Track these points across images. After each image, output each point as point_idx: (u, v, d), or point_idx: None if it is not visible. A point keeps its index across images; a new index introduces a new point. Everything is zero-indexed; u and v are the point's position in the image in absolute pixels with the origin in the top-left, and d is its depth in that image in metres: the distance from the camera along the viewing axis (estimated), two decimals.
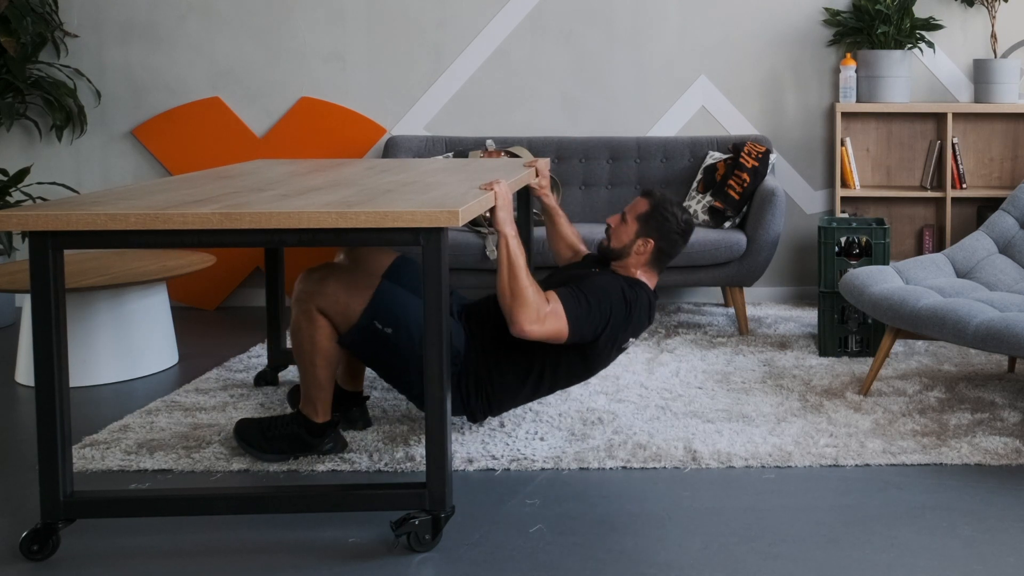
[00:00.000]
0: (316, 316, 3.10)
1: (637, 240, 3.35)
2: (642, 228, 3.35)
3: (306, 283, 3.13)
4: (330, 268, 3.18)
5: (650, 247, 3.35)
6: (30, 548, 2.64)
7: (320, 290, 3.10)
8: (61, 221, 2.56)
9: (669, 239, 3.38)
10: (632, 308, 3.27)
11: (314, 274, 3.14)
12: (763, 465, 3.25)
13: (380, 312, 3.10)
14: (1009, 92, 5.31)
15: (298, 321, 3.12)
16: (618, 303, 3.24)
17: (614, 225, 3.40)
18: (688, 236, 3.44)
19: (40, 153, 5.51)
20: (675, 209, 3.39)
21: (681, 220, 3.39)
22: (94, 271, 4.19)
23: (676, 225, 3.37)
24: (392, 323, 3.11)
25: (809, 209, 5.58)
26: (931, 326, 3.60)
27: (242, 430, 3.29)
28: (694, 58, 5.52)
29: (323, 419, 3.24)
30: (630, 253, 3.36)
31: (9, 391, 4.10)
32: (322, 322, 3.10)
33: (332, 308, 3.10)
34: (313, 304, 3.09)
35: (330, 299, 3.09)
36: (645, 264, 3.38)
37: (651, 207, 3.37)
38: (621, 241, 3.37)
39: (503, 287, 3.05)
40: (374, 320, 3.10)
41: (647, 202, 3.39)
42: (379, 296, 3.12)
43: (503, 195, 3.08)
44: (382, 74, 5.52)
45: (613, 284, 3.27)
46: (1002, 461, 3.27)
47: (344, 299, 3.10)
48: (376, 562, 2.63)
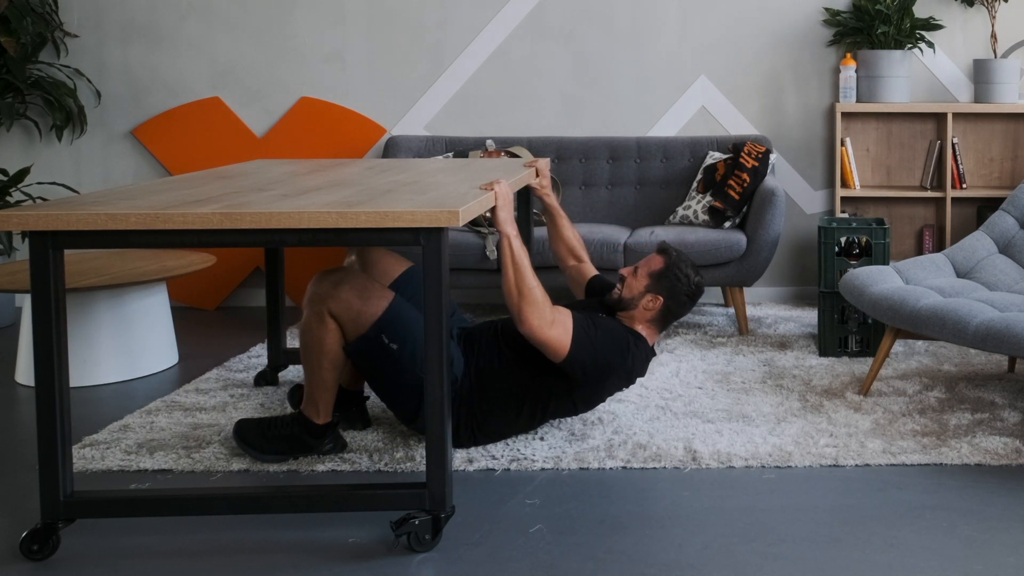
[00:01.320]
0: (328, 319, 3.11)
1: (647, 295, 3.38)
2: (653, 284, 3.38)
3: (320, 285, 3.13)
4: (345, 273, 3.18)
5: (658, 304, 3.38)
6: (30, 548, 2.64)
7: (334, 294, 3.10)
8: (61, 221, 2.55)
9: (678, 300, 3.41)
10: (632, 360, 3.32)
11: (329, 277, 3.14)
12: (763, 465, 3.25)
13: (390, 327, 3.12)
14: (1009, 92, 5.31)
15: (309, 322, 3.13)
16: (620, 349, 3.28)
17: (627, 276, 3.42)
18: (696, 299, 3.48)
19: (40, 153, 5.51)
20: (688, 270, 3.42)
21: (693, 283, 3.42)
22: (94, 271, 4.19)
23: (687, 287, 3.40)
24: (399, 339, 3.12)
25: (809, 209, 5.58)
26: (931, 326, 3.60)
27: (241, 431, 3.29)
28: (694, 58, 5.52)
29: (324, 420, 3.24)
30: (637, 307, 3.39)
31: (9, 391, 4.10)
32: (332, 325, 3.11)
33: (344, 314, 3.10)
34: (326, 307, 3.10)
35: (343, 304, 3.10)
36: (650, 320, 3.41)
37: (665, 266, 3.41)
38: (631, 293, 3.40)
39: (510, 286, 3.05)
40: (382, 333, 3.11)
41: (662, 260, 3.42)
42: (391, 311, 3.13)
43: (503, 195, 3.08)
44: (382, 74, 5.52)
45: (619, 331, 3.31)
46: (1002, 461, 3.27)
47: (357, 307, 3.11)
48: (376, 562, 2.63)
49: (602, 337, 3.22)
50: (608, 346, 3.23)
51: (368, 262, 3.48)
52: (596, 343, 3.19)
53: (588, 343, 3.17)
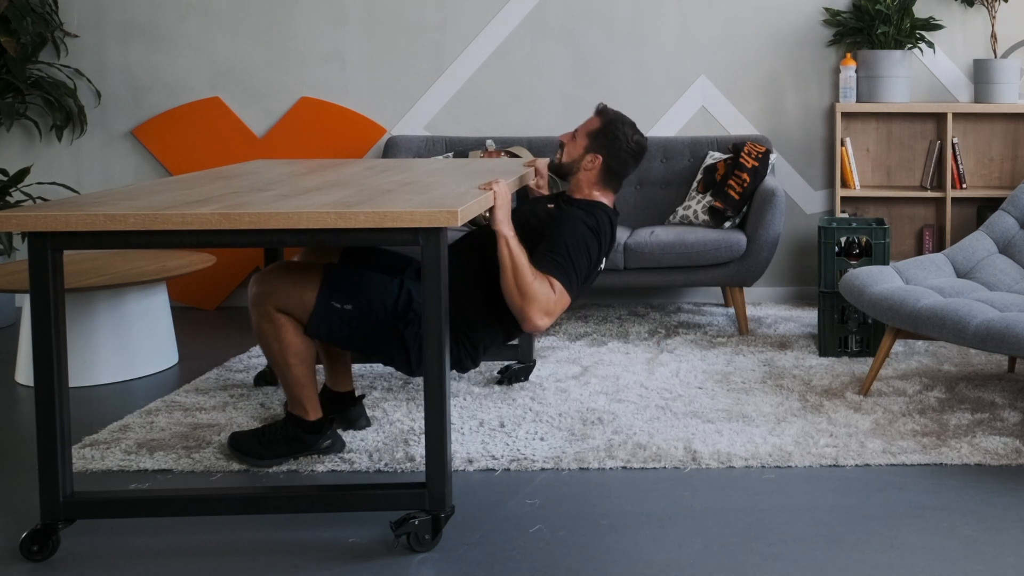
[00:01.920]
0: (275, 315, 3.07)
1: (586, 156, 3.39)
2: (591, 144, 3.40)
3: (257, 286, 3.10)
4: (277, 266, 3.17)
5: (598, 163, 3.38)
6: (30, 548, 2.64)
7: (271, 289, 3.08)
8: (61, 221, 2.56)
9: (618, 157, 3.40)
10: (599, 236, 3.31)
11: (262, 276, 3.12)
12: (763, 465, 3.25)
13: (334, 292, 3.09)
14: (1009, 92, 5.31)
15: (259, 325, 3.10)
16: (591, 240, 3.27)
17: (566, 141, 3.44)
18: (639, 157, 3.46)
19: (40, 153, 5.51)
20: (626, 128, 3.42)
21: (632, 140, 3.42)
22: (94, 271, 4.19)
23: (626, 143, 3.40)
24: (349, 299, 3.09)
25: (809, 209, 5.58)
26: (931, 326, 3.60)
27: (237, 442, 3.27)
28: (694, 58, 5.52)
29: (314, 416, 3.23)
30: (579, 169, 3.40)
31: (9, 391, 4.10)
32: (282, 319, 3.08)
33: (287, 303, 3.07)
34: (269, 305, 3.07)
35: (283, 295, 3.07)
36: (595, 182, 3.41)
37: (601, 125, 3.41)
38: (571, 156, 3.42)
39: (510, 287, 3.04)
40: (331, 301, 3.08)
41: (599, 120, 3.44)
42: (328, 278, 3.10)
43: (502, 195, 3.08)
44: (382, 74, 5.52)
45: (576, 223, 3.27)
46: (1002, 461, 3.27)
47: (297, 291, 3.07)
48: (376, 562, 2.63)
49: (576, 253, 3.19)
50: (584, 252, 3.22)
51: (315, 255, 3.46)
52: (578, 266, 3.19)
53: (575, 277, 3.18)
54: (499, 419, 3.62)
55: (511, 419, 3.62)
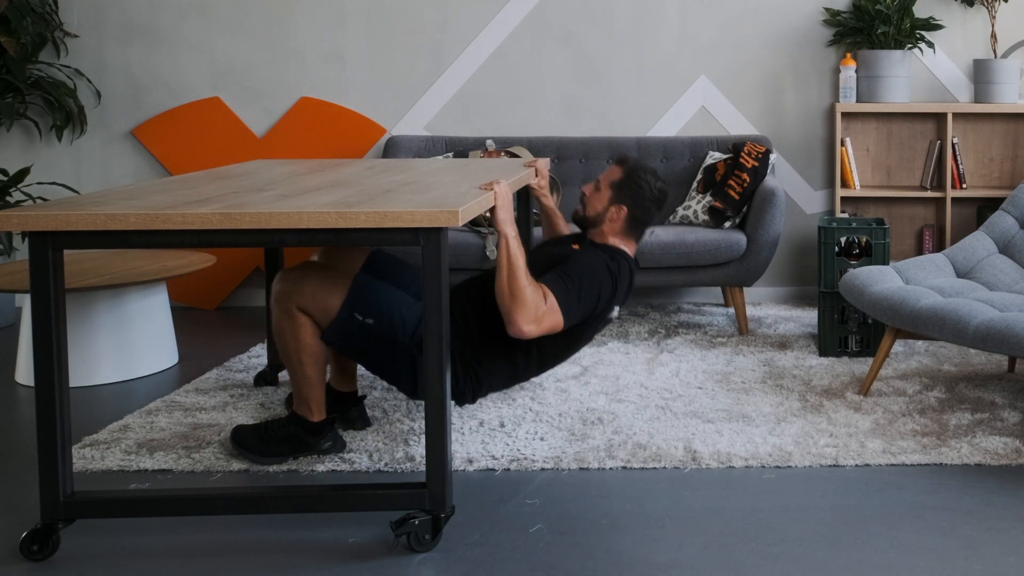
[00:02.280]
0: (297, 315, 3.09)
1: (610, 207, 3.36)
2: (615, 195, 3.37)
3: (283, 283, 3.12)
4: (306, 267, 3.18)
5: (623, 214, 3.36)
6: (30, 548, 2.64)
7: (298, 289, 3.09)
8: (61, 221, 2.56)
9: (643, 206, 3.38)
10: (617, 281, 3.29)
11: (291, 274, 3.13)
12: (763, 465, 3.25)
13: (359, 304, 3.10)
14: (1009, 92, 5.31)
15: (280, 322, 3.11)
16: (605, 280, 3.25)
17: (588, 193, 3.41)
18: (662, 203, 3.45)
19: (40, 153, 5.51)
20: (649, 176, 3.40)
21: (655, 187, 3.40)
22: (94, 271, 4.19)
23: (649, 192, 3.38)
24: (372, 314, 3.10)
25: (809, 209, 5.58)
26: (931, 326, 3.60)
27: (239, 437, 3.28)
28: (694, 58, 5.52)
29: (318, 417, 3.23)
30: (604, 220, 3.38)
31: (9, 391, 4.10)
32: (303, 320, 3.09)
33: (311, 305, 3.09)
34: (292, 303, 3.08)
35: (308, 296, 3.08)
36: (620, 232, 3.39)
37: (624, 175, 3.39)
38: (595, 209, 3.38)
39: (502, 287, 3.04)
40: (354, 312, 3.09)
41: (620, 169, 3.41)
42: (357, 288, 3.11)
43: (503, 195, 3.08)
44: (382, 74, 5.52)
45: (597, 261, 3.27)
46: (1002, 461, 3.27)
47: (322, 295, 3.09)
48: (376, 562, 2.63)
49: (585, 285, 3.18)
50: (594, 287, 3.21)
51: (332, 256, 3.46)
52: (582, 295, 3.17)
53: (576, 302, 3.15)
54: (499, 419, 3.62)
55: (511, 419, 3.62)
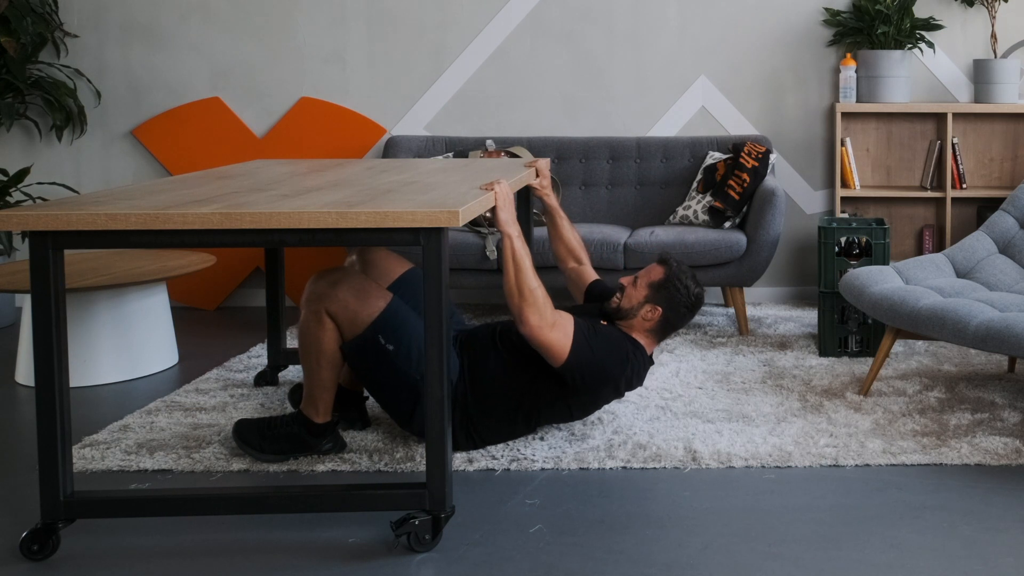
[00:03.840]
0: (325, 319, 3.11)
1: (646, 305, 3.35)
2: (652, 295, 3.35)
3: (318, 285, 3.13)
4: (343, 273, 3.18)
5: (657, 315, 3.35)
6: (30, 548, 2.64)
7: (332, 294, 3.11)
8: (61, 221, 2.56)
9: (677, 311, 3.38)
10: (630, 369, 3.30)
11: (327, 277, 3.15)
12: (763, 465, 3.25)
13: (387, 328, 3.12)
14: (1009, 92, 5.31)
15: (307, 322, 3.13)
16: (619, 358, 3.26)
17: (627, 285, 3.40)
18: (696, 311, 3.45)
19: (40, 153, 5.51)
20: (688, 282, 3.39)
21: (692, 294, 3.39)
22: (94, 271, 4.19)
23: (686, 299, 3.38)
24: (395, 341, 3.13)
25: (809, 209, 5.58)
26: (931, 326, 3.60)
27: (241, 431, 3.29)
28: (694, 58, 5.52)
29: (323, 420, 3.24)
30: (636, 316, 3.36)
31: (9, 391, 4.10)
32: (330, 325, 3.12)
33: (341, 314, 3.11)
34: (323, 306, 3.11)
35: (340, 304, 3.10)
36: (648, 331, 3.39)
37: (664, 277, 3.37)
38: (631, 303, 3.37)
39: (511, 287, 3.05)
40: (379, 334, 3.12)
41: (662, 271, 3.39)
42: (389, 311, 3.14)
43: (504, 195, 3.08)
44: (382, 74, 5.52)
45: (618, 339, 3.30)
46: (1002, 461, 3.27)
47: (354, 307, 3.11)
48: (376, 562, 2.63)
49: (601, 344, 3.21)
50: (607, 354, 3.22)
51: (368, 262, 3.48)
52: (595, 349, 3.18)
53: (587, 349, 3.16)
54: None
55: None
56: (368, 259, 3.49)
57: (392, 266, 3.48)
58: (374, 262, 3.48)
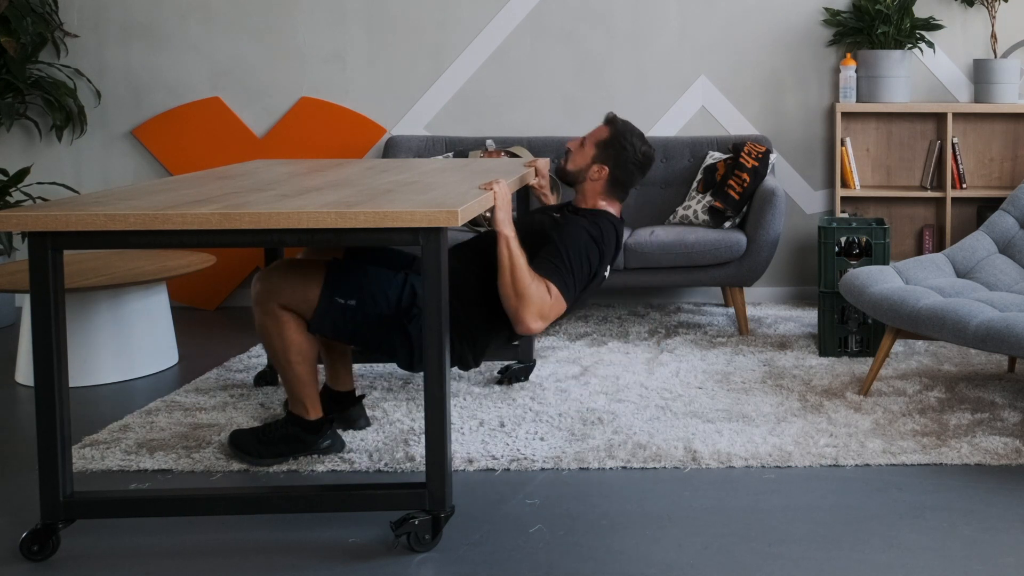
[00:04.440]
0: (279, 312, 3.08)
1: (592, 166, 3.37)
2: (599, 154, 3.37)
3: (261, 283, 3.11)
4: (280, 263, 3.17)
5: (604, 174, 3.36)
6: (30, 548, 2.64)
7: (275, 287, 3.08)
8: (61, 221, 2.56)
9: (625, 168, 3.38)
10: (602, 245, 3.31)
11: (267, 273, 3.13)
12: (763, 465, 3.25)
13: (338, 288, 3.09)
14: (1009, 92, 5.31)
15: (262, 322, 3.11)
16: (591, 248, 3.27)
17: (573, 149, 3.41)
18: (646, 168, 3.44)
19: (40, 153, 5.51)
20: (634, 139, 3.39)
21: (639, 151, 3.39)
22: (94, 271, 4.19)
23: (633, 155, 3.38)
24: (353, 294, 3.09)
25: (809, 209, 5.58)
26: (931, 326, 3.60)
27: (237, 440, 3.28)
28: (694, 58, 5.52)
29: (315, 415, 3.23)
30: (585, 179, 3.38)
31: (9, 391, 4.10)
32: (286, 316, 3.08)
33: (291, 299, 3.08)
34: (273, 302, 3.08)
35: (287, 292, 3.08)
36: (601, 192, 3.39)
37: (610, 135, 3.38)
38: (577, 165, 3.39)
39: (506, 288, 3.05)
40: (334, 296, 3.08)
41: (607, 129, 3.40)
42: (331, 273, 3.11)
43: (502, 195, 3.08)
44: (382, 74, 5.52)
45: (579, 230, 3.28)
46: (1002, 461, 3.27)
47: (300, 288, 3.08)
48: (376, 562, 2.63)
49: (576, 261, 3.21)
50: (585, 261, 3.24)
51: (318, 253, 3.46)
52: (576, 273, 3.20)
53: (573, 283, 3.19)
54: (499, 419, 3.62)
55: (511, 419, 3.62)
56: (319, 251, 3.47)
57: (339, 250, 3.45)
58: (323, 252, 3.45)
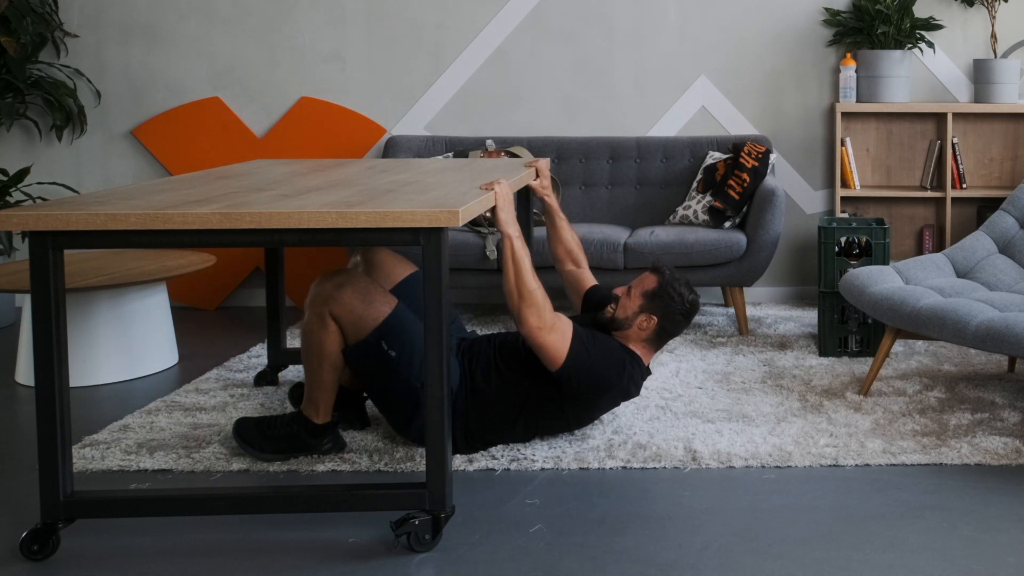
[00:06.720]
0: (329, 321, 3.11)
1: (640, 315, 3.34)
2: (647, 304, 3.34)
3: (323, 287, 3.13)
4: (348, 276, 3.18)
5: (652, 324, 3.35)
6: (30, 548, 2.64)
7: (336, 297, 3.11)
8: (61, 221, 2.56)
9: (672, 319, 3.37)
10: (627, 378, 3.30)
11: (332, 279, 3.14)
12: (763, 465, 3.25)
13: (390, 334, 3.12)
14: (1009, 92, 5.31)
15: (310, 324, 3.13)
16: (617, 367, 3.26)
17: (621, 296, 3.39)
18: (691, 317, 3.43)
19: (40, 153, 5.51)
20: (682, 289, 3.37)
21: (687, 301, 3.38)
22: (94, 271, 4.19)
23: (681, 306, 3.37)
24: (398, 347, 3.13)
25: (809, 209, 5.58)
26: (931, 326, 3.60)
27: (241, 429, 3.29)
28: (694, 58, 5.52)
29: (323, 420, 3.24)
30: (632, 326, 3.36)
31: (9, 391, 4.10)
32: (333, 328, 3.12)
33: (346, 317, 3.11)
34: (327, 309, 3.11)
35: (345, 308, 3.10)
36: (644, 340, 3.38)
37: (658, 285, 3.36)
38: (625, 313, 3.35)
39: (510, 287, 3.05)
40: (382, 339, 3.12)
41: (655, 279, 3.37)
42: (393, 317, 3.13)
43: (504, 195, 3.08)
44: (382, 74, 5.52)
45: (616, 348, 3.30)
46: (1002, 461, 3.27)
47: (359, 311, 3.11)
48: (376, 562, 2.63)
49: (599, 352, 3.21)
50: (604, 361, 3.22)
51: (372, 264, 3.47)
52: (592, 356, 3.18)
53: (585, 354, 3.15)
54: None
55: None
56: (372, 261, 3.48)
57: (396, 269, 3.47)
58: (378, 264, 3.47)
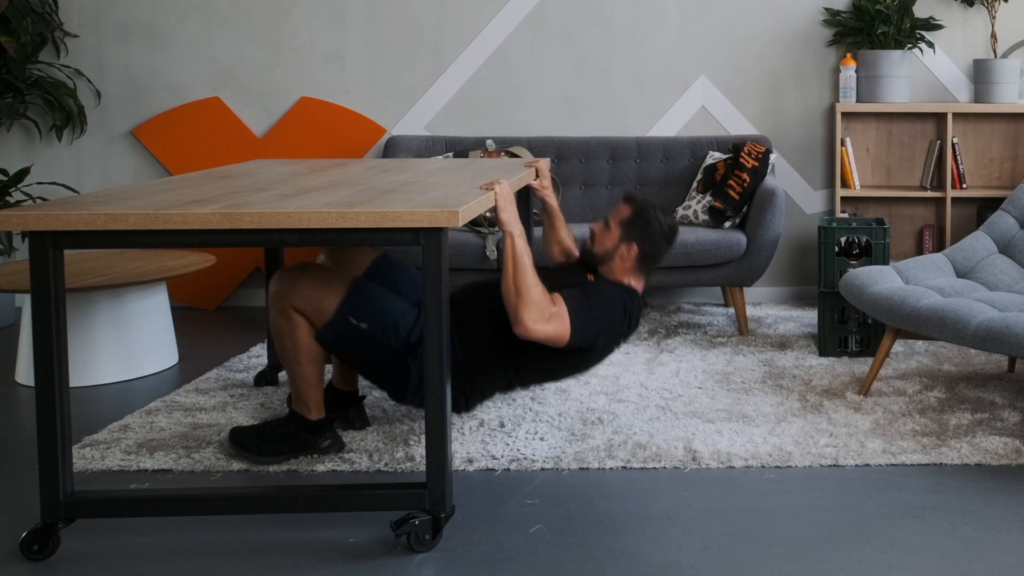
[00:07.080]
0: (292, 314, 3.10)
1: (621, 245, 3.35)
2: (625, 233, 3.35)
3: (280, 283, 3.13)
4: (303, 267, 3.19)
5: (634, 252, 3.35)
6: (30, 548, 2.64)
7: (294, 289, 3.10)
8: (61, 221, 2.56)
9: (653, 243, 3.37)
10: (630, 321, 3.31)
11: (287, 273, 3.15)
12: (763, 465, 3.25)
13: (354, 307, 3.11)
14: (1009, 92, 5.31)
15: (276, 321, 3.13)
16: (619, 314, 3.27)
17: (598, 231, 3.40)
18: (672, 239, 3.43)
19: (40, 153, 5.51)
20: (657, 213, 3.38)
21: (664, 224, 3.38)
22: (94, 271, 4.19)
23: (659, 229, 3.37)
24: (367, 318, 3.11)
25: (809, 209, 5.58)
26: (931, 326, 3.60)
27: (238, 437, 3.28)
28: (694, 58, 5.52)
29: (317, 416, 3.24)
30: (614, 258, 3.36)
31: (9, 391, 4.10)
32: (299, 320, 3.11)
33: (307, 306, 3.10)
34: (288, 303, 3.10)
35: (304, 297, 3.10)
36: (631, 269, 3.38)
37: (633, 212, 3.37)
38: (605, 247, 3.36)
39: (508, 286, 3.05)
40: (348, 315, 3.10)
41: (629, 207, 3.39)
42: (353, 292, 3.13)
43: (504, 195, 3.08)
44: (382, 74, 5.52)
45: (614, 294, 3.29)
46: (1002, 461, 3.27)
47: (318, 296, 3.10)
48: (376, 562, 2.63)
49: (597, 307, 3.20)
50: (607, 317, 3.22)
51: (336, 257, 3.47)
52: (594, 317, 3.17)
53: (588, 323, 3.15)
54: (499, 419, 3.62)
55: (511, 419, 3.62)
56: (337, 254, 3.48)
57: (361, 258, 3.46)
58: (343, 256, 3.46)
